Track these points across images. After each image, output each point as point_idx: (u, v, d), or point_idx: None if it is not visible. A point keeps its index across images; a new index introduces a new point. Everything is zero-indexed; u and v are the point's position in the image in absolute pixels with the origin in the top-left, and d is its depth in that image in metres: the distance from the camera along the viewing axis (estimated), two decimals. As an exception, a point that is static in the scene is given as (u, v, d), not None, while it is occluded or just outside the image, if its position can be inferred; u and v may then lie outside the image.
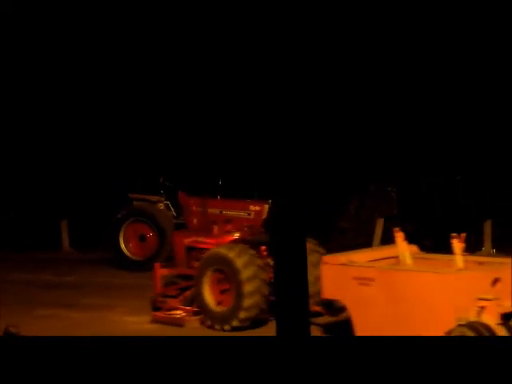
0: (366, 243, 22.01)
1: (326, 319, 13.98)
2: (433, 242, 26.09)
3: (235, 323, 14.78)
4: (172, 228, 21.53)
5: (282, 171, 6.59)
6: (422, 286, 11.61)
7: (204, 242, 16.80)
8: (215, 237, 16.86)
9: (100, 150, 28.00)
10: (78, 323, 15.33)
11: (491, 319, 11.10)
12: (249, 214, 21.02)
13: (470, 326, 10.95)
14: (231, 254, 15.02)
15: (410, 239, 13.28)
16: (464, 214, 26.25)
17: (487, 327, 10.95)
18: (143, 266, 21.58)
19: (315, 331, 8.04)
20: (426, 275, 11.78)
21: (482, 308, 11.18)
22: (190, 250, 16.99)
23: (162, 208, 22.69)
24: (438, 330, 11.00)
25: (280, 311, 6.09)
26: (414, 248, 13.47)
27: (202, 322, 15.22)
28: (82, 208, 28.20)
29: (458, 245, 12.32)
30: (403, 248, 12.84)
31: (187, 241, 17.07)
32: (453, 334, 10.89)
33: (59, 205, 27.86)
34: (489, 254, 22.94)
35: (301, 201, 6.35)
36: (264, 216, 20.69)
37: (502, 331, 10.96)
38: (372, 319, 12.09)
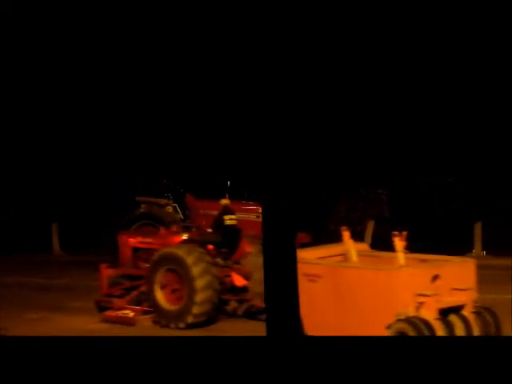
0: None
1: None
2: (424, 244, 26.19)
3: (190, 319, 14.95)
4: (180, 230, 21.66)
5: (273, 172, 6.62)
6: (365, 282, 11.93)
7: (151, 242, 17.05)
8: (162, 237, 17.05)
9: (97, 152, 27.97)
10: (65, 326, 15.30)
11: (429, 314, 11.39)
12: (258, 217, 21.17)
13: (409, 320, 11.25)
14: (181, 253, 15.29)
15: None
16: (455, 216, 26.36)
17: (425, 322, 11.25)
18: None
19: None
20: (369, 272, 12.08)
21: (421, 303, 11.47)
22: (137, 250, 17.20)
23: (170, 211, 22.51)
24: (380, 325, 11.37)
25: (270, 311, 6.10)
26: (364, 246, 14.00)
27: (155, 321, 15.40)
28: (74, 211, 28.17)
29: (399, 243, 12.52)
30: (350, 246, 13.19)
31: (133, 241, 17.25)
32: (392, 329, 11.27)
33: (50, 207, 27.81)
34: (479, 256, 23.01)
35: (291, 202, 6.38)
36: None
37: (439, 326, 11.28)
38: (320, 314, 12.43)
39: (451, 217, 26.29)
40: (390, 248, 12.82)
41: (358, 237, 24.52)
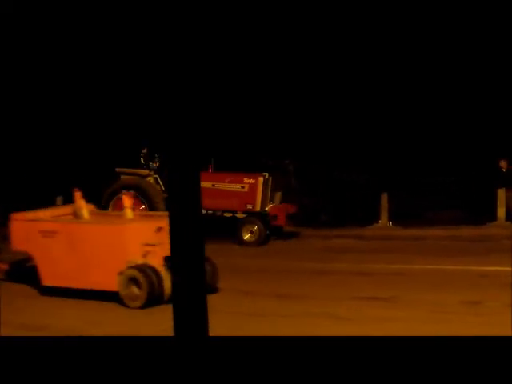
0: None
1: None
2: (329, 216, 26.36)
3: None
4: (163, 202, 21.13)
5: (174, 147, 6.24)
6: (98, 236, 13.45)
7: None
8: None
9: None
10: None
11: (156, 261, 13.13)
12: (242, 187, 21.02)
13: (138, 267, 13.04)
14: None
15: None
16: (362, 188, 26.58)
17: (153, 268, 13.00)
18: None
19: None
20: (101, 226, 13.71)
21: (148, 252, 13.26)
22: None
23: (151, 182, 21.79)
24: (113, 273, 13.12)
25: (178, 312, 5.86)
26: (91, 206, 15.39)
27: None
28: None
29: (127, 200, 14.79)
30: (81, 205, 14.63)
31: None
32: (124, 275, 13.04)
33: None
34: (385, 227, 23.26)
35: (198, 189, 6.06)
36: (259, 189, 20.70)
37: (164, 271, 12.91)
38: (57, 268, 13.89)
39: (358, 188, 26.52)
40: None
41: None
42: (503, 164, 22.95)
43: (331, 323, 11.32)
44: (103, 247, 13.31)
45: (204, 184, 20.79)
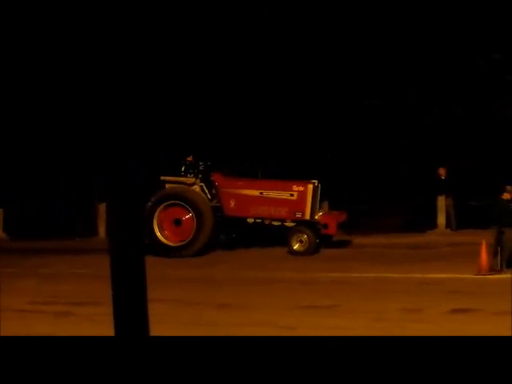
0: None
1: None
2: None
3: None
4: (209, 211, 20.67)
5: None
6: None
7: None
8: None
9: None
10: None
11: None
12: (291, 195, 20.52)
13: None
14: None
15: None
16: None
17: None
18: (181, 251, 20.64)
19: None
20: None
21: None
22: None
23: (197, 190, 21.18)
24: None
25: (118, 311, 5.76)
26: None
27: None
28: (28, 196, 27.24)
29: None
30: None
31: None
32: None
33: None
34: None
35: (137, 200, 5.97)
36: (309, 197, 20.22)
37: None
38: None
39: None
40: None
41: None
42: (442, 172, 23.19)
43: (271, 332, 11.24)
44: None
45: (252, 192, 20.59)
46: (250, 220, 20.69)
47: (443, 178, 23.30)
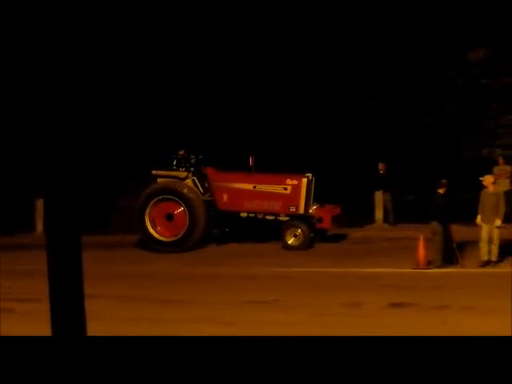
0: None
1: None
2: None
3: None
4: (202, 205, 20.45)
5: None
6: None
7: None
8: None
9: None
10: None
11: None
12: (285, 189, 20.23)
13: None
14: None
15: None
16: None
17: None
18: (175, 246, 20.40)
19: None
20: None
21: None
22: None
23: (189, 184, 20.78)
24: None
25: (55, 311, 5.82)
26: None
27: None
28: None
29: None
30: None
31: None
32: None
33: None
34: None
35: (74, 199, 6.01)
36: (303, 190, 19.95)
37: None
38: None
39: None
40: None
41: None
42: (381, 167, 23.45)
43: (215, 327, 11.38)
44: None
45: (245, 186, 20.41)
46: (244, 214, 20.52)
47: (382, 172, 23.58)
